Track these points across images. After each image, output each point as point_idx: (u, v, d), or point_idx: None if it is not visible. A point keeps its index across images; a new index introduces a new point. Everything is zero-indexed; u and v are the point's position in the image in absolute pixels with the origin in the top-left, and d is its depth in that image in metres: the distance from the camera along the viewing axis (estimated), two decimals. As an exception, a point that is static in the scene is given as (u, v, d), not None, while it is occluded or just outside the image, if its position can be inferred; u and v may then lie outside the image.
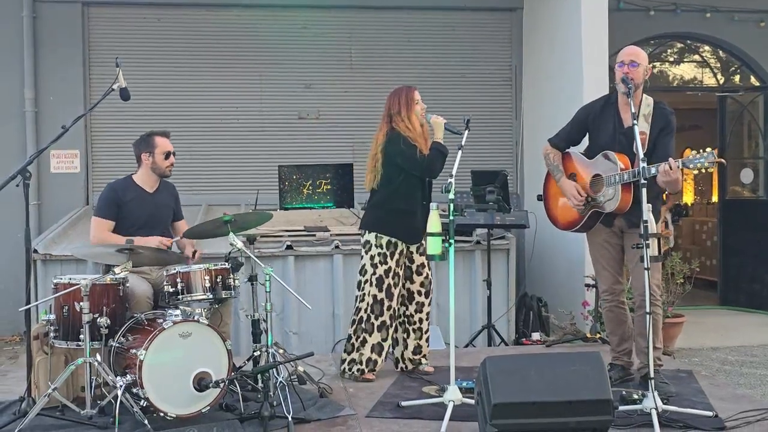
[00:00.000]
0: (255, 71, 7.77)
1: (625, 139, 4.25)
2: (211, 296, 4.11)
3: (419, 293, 4.75)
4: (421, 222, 3.94)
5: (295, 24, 7.82)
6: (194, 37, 7.70)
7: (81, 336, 3.74)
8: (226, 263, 4.23)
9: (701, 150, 3.93)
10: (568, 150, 4.57)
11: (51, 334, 3.88)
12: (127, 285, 4.05)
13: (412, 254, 4.70)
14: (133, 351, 3.71)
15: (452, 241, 3.81)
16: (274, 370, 3.91)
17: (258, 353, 4.19)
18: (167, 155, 4.62)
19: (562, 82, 6.90)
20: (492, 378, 3.36)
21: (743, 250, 8.33)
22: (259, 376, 4.00)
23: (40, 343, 4.00)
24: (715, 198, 9.10)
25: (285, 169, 6.97)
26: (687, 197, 13.11)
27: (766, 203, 8.41)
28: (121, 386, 3.60)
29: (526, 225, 6.24)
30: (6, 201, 5.05)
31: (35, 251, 5.68)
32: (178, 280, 4.08)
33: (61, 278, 3.95)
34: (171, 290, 4.08)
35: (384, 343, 4.64)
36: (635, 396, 3.91)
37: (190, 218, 5.79)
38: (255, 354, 4.21)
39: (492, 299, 5.97)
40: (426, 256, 4.38)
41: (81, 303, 3.73)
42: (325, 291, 6.10)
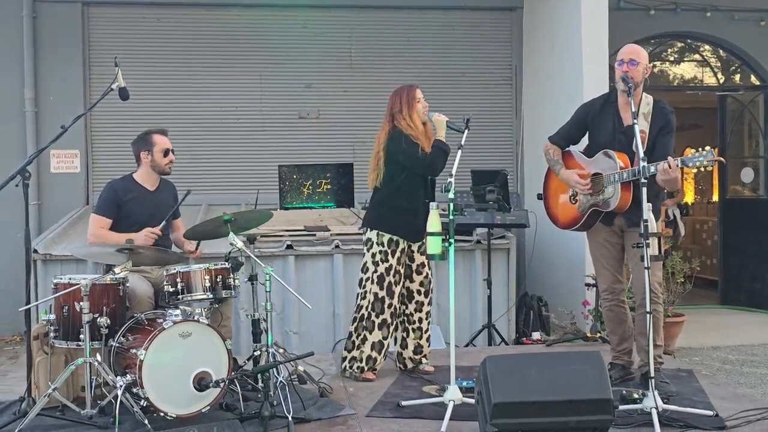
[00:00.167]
0: (255, 71, 7.77)
1: (625, 138, 4.25)
2: (212, 296, 4.11)
3: (419, 292, 4.75)
4: (423, 220, 3.94)
5: (295, 24, 7.82)
6: (194, 37, 7.70)
7: (81, 336, 3.74)
8: (226, 263, 4.23)
9: (700, 148, 3.93)
10: (568, 148, 4.57)
11: (51, 334, 3.88)
12: (127, 285, 4.05)
13: (413, 253, 4.70)
14: (133, 351, 3.71)
15: (452, 241, 3.82)
16: (275, 370, 3.91)
17: (258, 353, 4.19)
18: (166, 152, 4.62)
19: (562, 82, 6.89)
20: (492, 377, 3.36)
21: (744, 249, 8.33)
22: (260, 376, 4.01)
23: (40, 343, 4.00)
24: (716, 197, 9.10)
25: (285, 169, 6.97)
26: (687, 196, 13.10)
27: (767, 202, 8.40)
28: (121, 386, 3.60)
29: (527, 224, 6.24)
30: (6, 201, 5.06)
31: (35, 251, 5.68)
32: (178, 280, 4.08)
33: (61, 278, 3.94)
34: (171, 290, 4.09)
35: (385, 341, 4.64)
36: (635, 395, 3.91)
37: (191, 218, 5.79)
38: (255, 354, 4.21)
39: (492, 299, 5.97)
40: (426, 256, 4.38)
41: (81, 303, 3.74)
42: (326, 291, 6.10)
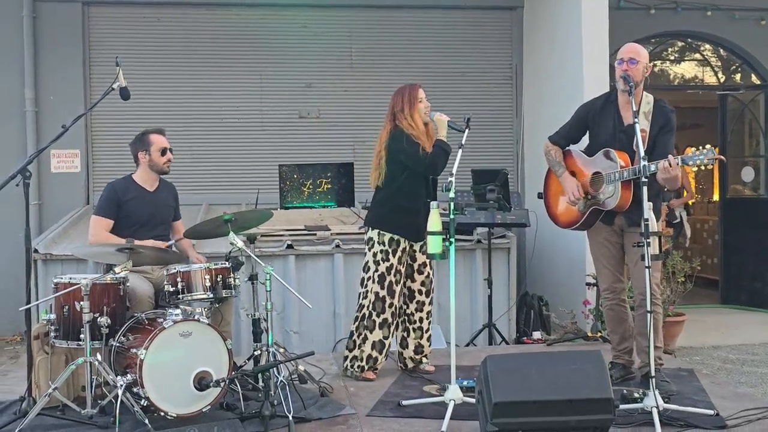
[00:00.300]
0: (255, 70, 7.77)
1: (625, 137, 4.25)
2: (212, 295, 4.11)
3: (420, 292, 4.75)
4: (424, 220, 3.94)
5: (296, 23, 7.81)
6: (194, 37, 7.70)
7: (81, 335, 3.74)
8: (227, 262, 4.23)
9: (701, 147, 3.93)
10: (569, 148, 4.56)
11: (51, 334, 3.88)
12: (128, 284, 4.05)
13: (415, 253, 4.70)
14: (134, 350, 3.71)
15: (453, 240, 3.82)
16: (275, 370, 3.91)
17: (258, 352, 4.19)
18: (163, 152, 4.62)
19: (563, 81, 6.89)
20: (493, 377, 3.36)
21: (744, 249, 8.33)
22: (260, 376, 4.01)
23: (41, 343, 4.00)
24: (716, 196, 9.09)
25: (285, 169, 6.96)
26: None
27: (767, 201, 8.40)
28: (122, 386, 3.60)
29: (527, 224, 6.24)
30: (6, 201, 5.06)
31: (36, 251, 5.69)
32: (179, 280, 4.08)
33: (62, 278, 3.94)
34: (171, 289, 4.09)
35: (385, 341, 4.64)
36: (636, 394, 3.90)
37: (191, 218, 5.79)
38: (255, 353, 4.21)
39: (493, 298, 5.97)
40: (426, 255, 4.38)
41: (81, 302, 3.73)
42: (326, 290, 6.09)
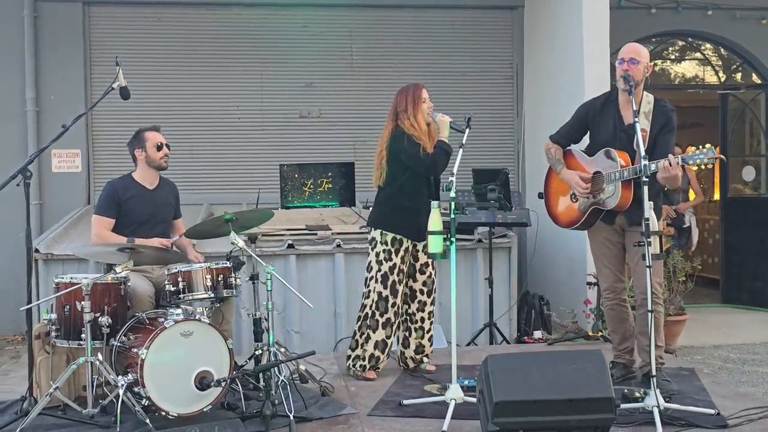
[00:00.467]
0: (256, 70, 7.77)
1: (626, 137, 4.25)
2: (213, 295, 4.11)
3: (421, 292, 4.75)
4: (426, 220, 3.94)
5: (296, 23, 7.81)
6: (195, 36, 7.69)
7: (82, 335, 3.74)
8: (228, 262, 4.24)
9: (701, 146, 3.93)
10: (569, 147, 4.56)
11: (52, 334, 3.89)
12: (129, 284, 4.05)
13: (418, 252, 4.70)
14: (135, 350, 3.71)
15: (453, 240, 3.81)
16: (276, 369, 3.91)
17: (259, 352, 4.19)
18: (159, 147, 4.61)
19: (563, 80, 6.89)
20: (494, 376, 3.36)
21: (745, 248, 8.33)
22: (261, 375, 4.00)
23: (42, 343, 4.00)
24: (717, 196, 9.08)
25: (286, 168, 6.96)
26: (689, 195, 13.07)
27: (768, 201, 8.41)
28: (123, 385, 3.60)
29: (528, 223, 6.23)
30: (7, 201, 5.06)
31: (36, 251, 5.69)
32: (180, 279, 4.08)
33: (63, 277, 3.95)
34: (172, 289, 4.09)
35: (388, 340, 4.64)
36: (637, 394, 3.91)
37: (192, 218, 5.79)
38: (256, 353, 4.21)
39: (494, 297, 5.96)
40: (427, 255, 4.38)
41: (82, 302, 3.74)
42: (327, 290, 6.09)
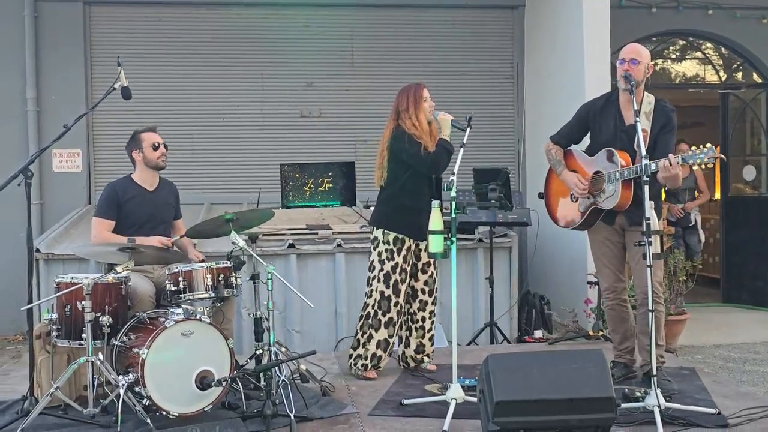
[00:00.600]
0: (256, 70, 7.77)
1: (627, 137, 4.25)
2: (214, 295, 4.12)
3: (423, 291, 4.75)
4: (428, 219, 3.95)
5: (297, 22, 7.81)
6: (195, 36, 7.70)
7: (83, 335, 3.75)
8: (229, 262, 4.24)
9: (701, 146, 3.92)
10: (570, 147, 4.56)
11: (53, 333, 3.88)
12: (129, 284, 4.05)
13: (420, 252, 4.70)
14: (136, 350, 3.71)
15: (454, 239, 3.82)
16: (277, 369, 3.92)
17: (260, 351, 4.19)
18: (155, 147, 4.61)
19: (564, 80, 6.89)
20: (494, 376, 3.36)
21: (746, 248, 8.32)
22: (262, 375, 4.00)
23: (43, 343, 4.00)
24: (718, 195, 9.08)
25: (287, 168, 6.96)
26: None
27: (768, 200, 8.40)
28: (124, 385, 3.60)
29: (528, 223, 6.23)
30: (8, 200, 5.06)
31: (37, 250, 5.69)
32: (180, 279, 4.08)
33: (63, 277, 3.94)
34: (173, 289, 4.09)
35: (390, 340, 4.64)
36: (638, 393, 3.90)
37: (193, 217, 5.79)
38: (257, 352, 4.22)
39: (494, 297, 5.97)
40: (428, 254, 4.38)
41: (83, 302, 3.74)
42: (327, 289, 6.09)
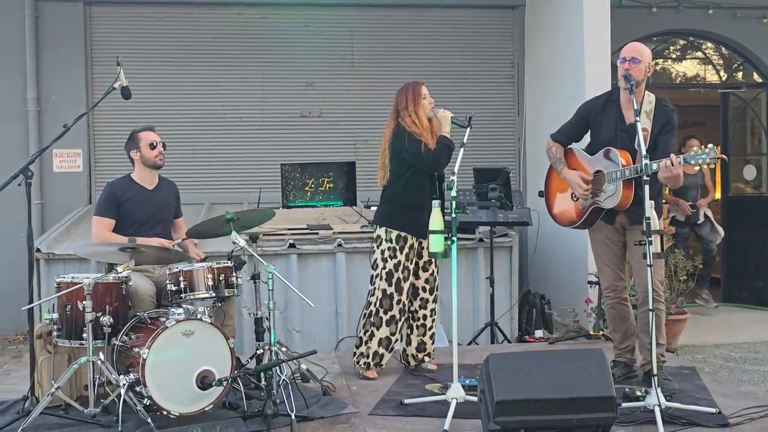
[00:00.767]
0: (257, 69, 7.77)
1: (627, 136, 4.25)
2: (214, 294, 4.12)
3: (424, 290, 4.75)
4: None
5: (297, 22, 7.81)
6: (196, 36, 7.70)
7: (84, 335, 3.75)
8: (229, 261, 4.24)
9: (703, 146, 3.92)
10: (570, 146, 4.56)
11: (54, 333, 3.89)
12: (130, 284, 4.06)
13: (422, 250, 4.70)
14: (136, 349, 3.72)
15: (455, 239, 3.82)
16: (277, 368, 3.92)
17: (261, 351, 4.19)
18: (153, 146, 4.61)
19: (564, 80, 6.89)
20: (495, 375, 3.36)
21: (746, 247, 8.31)
22: (262, 375, 4.00)
23: (44, 342, 4.01)
24: (718, 195, 9.07)
25: (287, 168, 6.95)
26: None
27: (769, 200, 8.40)
28: (124, 385, 3.61)
29: (529, 222, 6.23)
30: (8, 200, 5.05)
31: (38, 250, 5.69)
32: (181, 279, 4.09)
33: (64, 277, 3.95)
34: (174, 288, 4.10)
35: (392, 338, 4.65)
36: (638, 393, 3.90)
37: (193, 217, 5.79)
38: (258, 352, 4.22)
39: (495, 297, 5.97)
40: (429, 254, 4.39)
41: (84, 302, 3.74)
42: (328, 289, 6.09)
